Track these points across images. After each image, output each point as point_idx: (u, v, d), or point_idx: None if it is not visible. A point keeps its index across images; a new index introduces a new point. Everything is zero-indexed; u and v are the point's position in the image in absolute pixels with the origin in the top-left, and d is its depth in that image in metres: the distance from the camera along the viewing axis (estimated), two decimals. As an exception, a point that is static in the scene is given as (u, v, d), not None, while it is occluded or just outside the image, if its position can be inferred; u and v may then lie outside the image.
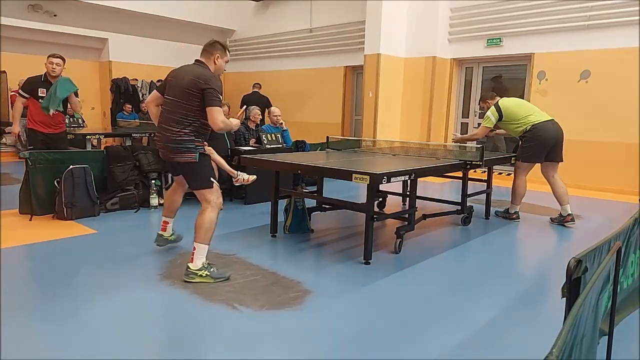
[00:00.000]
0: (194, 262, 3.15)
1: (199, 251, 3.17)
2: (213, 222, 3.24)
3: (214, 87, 3.15)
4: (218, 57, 3.35)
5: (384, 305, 2.89)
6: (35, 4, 10.23)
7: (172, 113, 3.20)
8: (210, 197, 3.27)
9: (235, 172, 5.38)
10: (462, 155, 4.88)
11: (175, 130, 3.17)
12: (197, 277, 3.13)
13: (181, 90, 3.17)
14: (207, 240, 3.20)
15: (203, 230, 3.18)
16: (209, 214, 3.23)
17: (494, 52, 8.67)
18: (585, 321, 1.27)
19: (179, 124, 3.16)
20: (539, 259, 4.10)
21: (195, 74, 3.18)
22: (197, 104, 3.14)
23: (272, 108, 6.85)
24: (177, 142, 3.17)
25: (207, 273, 3.15)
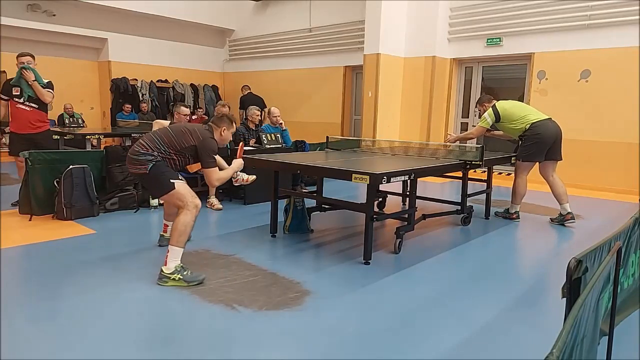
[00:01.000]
0: (167, 265, 3.11)
1: (172, 254, 3.13)
2: (188, 225, 3.20)
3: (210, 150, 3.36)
4: (224, 129, 3.54)
5: (384, 305, 2.88)
6: (34, 3, 10.22)
7: (154, 134, 3.34)
8: (180, 201, 3.24)
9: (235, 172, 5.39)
10: (462, 155, 4.88)
11: (143, 145, 3.26)
12: (170, 280, 3.08)
13: (178, 128, 3.39)
14: (181, 243, 3.16)
15: (177, 233, 3.15)
16: (183, 217, 3.19)
17: (493, 51, 8.67)
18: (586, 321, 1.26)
19: (151, 143, 3.27)
20: (539, 259, 4.09)
21: (199, 128, 3.42)
22: (182, 144, 3.30)
23: (272, 108, 6.84)
24: (137, 153, 3.24)
25: (179, 277, 3.09)
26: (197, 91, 13.03)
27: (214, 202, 5.51)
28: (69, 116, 10.42)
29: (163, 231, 3.93)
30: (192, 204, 3.24)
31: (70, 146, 8.35)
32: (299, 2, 11.51)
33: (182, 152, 3.33)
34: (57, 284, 3.07)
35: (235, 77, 13.60)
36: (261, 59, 12.69)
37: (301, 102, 11.72)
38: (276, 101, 10.40)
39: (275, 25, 12.16)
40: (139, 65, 12.02)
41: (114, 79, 11.65)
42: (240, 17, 13.08)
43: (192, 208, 3.24)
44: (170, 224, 3.74)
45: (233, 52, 13.60)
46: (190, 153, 3.35)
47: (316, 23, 11.24)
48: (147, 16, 11.58)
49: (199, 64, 13.28)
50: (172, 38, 12.62)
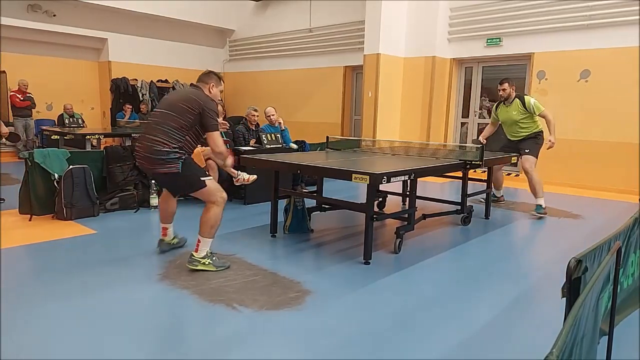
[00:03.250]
0: (198, 251, 3.29)
1: (203, 243, 3.30)
2: (219, 218, 3.33)
3: (213, 111, 3.26)
4: (213, 85, 3.41)
5: (384, 305, 2.89)
6: (34, 3, 10.22)
7: (160, 124, 3.20)
8: (212, 197, 3.30)
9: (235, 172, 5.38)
10: (462, 155, 4.88)
11: (160, 141, 3.16)
12: (200, 264, 3.27)
13: (175, 104, 3.21)
14: (212, 234, 3.32)
15: (209, 225, 3.29)
16: (214, 209, 3.30)
17: (493, 51, 8.67)
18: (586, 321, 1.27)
19: (165, 136, 3.17)
20: (539, 259, 4.10)
21: (194, 93, 3.27)
22: (189, 120, 3.19)
23: (267, 108, 6.84)
24: (160, 153, 3.16)
25: (209, 261, 3.30)
26: (197, 91, 13.01)
27: (214, 202, 5.51)
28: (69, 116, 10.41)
29: (162, 235, 3.79)
30: (221, 198, 3.33)
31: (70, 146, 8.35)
32: (299, 2, 11.51)
33: (193, 128, 3.26)
34: (57, 284, 3.07)
35: (235, 77, 13.60)
36: (261, 59, 12.70)
37: (301, 102, 11.72)
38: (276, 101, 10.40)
39: (276, 26, 12.16)
40: (139, 65, 12.03)
41: (114, 79, 11.66)
42: (240, 17, 13.08)
43: (221, 202, 3.34)
44: (170, 226, 3.77)
45: (233, 52, 13.60)
46: (197, 124, 3.26)
47: (316, 23, 11.24)
48: (147, 16, 11.58)
49: (199, 64, 13.25)
50: (172, 38, 12.62)
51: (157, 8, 11.45)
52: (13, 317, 2.57)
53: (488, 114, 8.85)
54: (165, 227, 3.78)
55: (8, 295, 2.86)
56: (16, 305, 2.74)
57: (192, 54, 13.10)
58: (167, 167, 3.18)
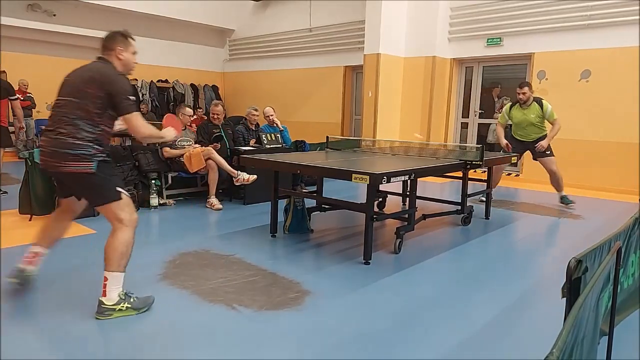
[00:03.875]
0: (107, 296, 2.55)
1: (112, 281, 2.56)
2: (129, 245, 2.65)
3: (123, 89, 2.60)
4: (121, 50, 2.79)
5: (384, 305, 2.88)
6: (34, 3, 10.22)
7: (65, 114, 2.56)
8: (121, 214, 2.64)
9: (235, 172, 5.40)
10: (462, 155, 4.88)
11: (67, 134, 2.52)
12: (115, 312, 2.56)
13: (77, 89, 2.57)
14: (122, 267, 2.61)
15: (117, 255, 2.58)
16: (122, 234, 2.62)
17: (494, 51, 8.67)
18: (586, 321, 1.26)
19: (73, 127, 2.53)
20: (539, 259, 4.09)
21: (96, 70, 2.63)
22: (97, 106, 2.56)
23: (265, 108, 6.85)
24: (72, 146, 2.51)
25: (127, 305, 2.59)
26: (197, 91, 13.03)
27: (214, 202, 5.51)
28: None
29: (28, 261, 2.86)
30: (132, 218, 2.69)
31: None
32: (299, 2, 11.51)
33: (105, 114, 2.62)
34: (56, 284, 3.06)
35: (235, 77, 13.60)
36: (261, 59, 12.70)
37: (301, 102, 11.72)
38: (276, 101, 10.41)
39: (276, 25, 12.16)
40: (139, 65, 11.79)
41: (114, 79, 11.64)
42: (240, 17, 13.09)
43: (130, 224, 2.68)
44: (43, 250, 2.94)
45: (233, 52, 13.60)
46: (109, 108, 2.60)
47: (316, 23, 11.24)
48: (147, 16, 11.58)
49: (199, 64, 13.28)
50: (172, 38, 12.62)
51: (157, 8, 11.45)
52: (13, 317, 2.57)
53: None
54: (38, 252, 2.89)
55: (8, 295, 2.86)
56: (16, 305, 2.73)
57: (192, 54, 13.10)
58: (78, 164, 2.52)
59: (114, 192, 2.64)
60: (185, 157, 5.51)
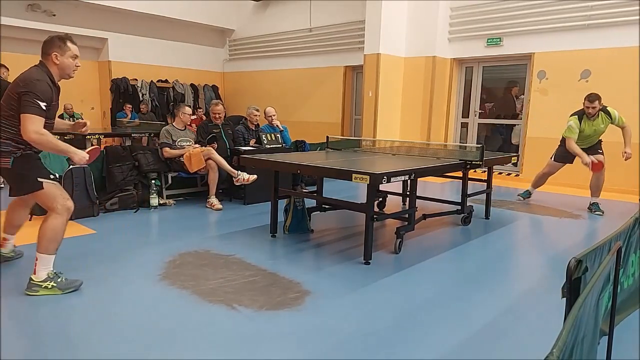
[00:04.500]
0: (36, 274, 2.82)
1: (42, 262, 2.83)
2: (58, 231, 2.86)
3: (32, 92, 2.69)
4: (56, 55, 2.88)
5: (384, 305, 2.88)
6: (33, 3, 10.22)
7: None
8: (51, 203, 2.85)
9: (235, 172, 5.41)
10: (462, 155, 4.88)
11: None
12: (41, 289, 2.81)
13: (5, 93, 2.80)
14: (51, 250, 2.85)
15: (45, 239, 2.82)
16: (52, 220, 2.83)
17: (494, 51, 8.67)
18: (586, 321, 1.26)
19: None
20: (539, 259, 4.09)
21: (20, 76, 2.80)
22: (14, 107, 2.74)
23: (267, 108, 6.85)
24: None
25: (53, 284, 2.83)
26: (197, 91, 13.03)
27: (214, 202, 5.51)
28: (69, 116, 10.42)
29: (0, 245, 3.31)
30: (63, 206, 2.87)
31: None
32: (299, 2, 11.51)
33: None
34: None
35: (235, 77, 13.61)
36: (261, 58, 12.70)
37: (301, 102, 11.72)
38: (276, 101, 10.41)
39: (276, 25, 12.16)
40: (139, 65, 12.03)
41: (114, 79, 11.65)
42: (240, 17, 13.09)
43: (63, 211, 2.86)
44: (11, 237, 3.38)
45: (233, 52, 13.60)
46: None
47: (316, 23, 11.24)
48: (147, 16, 11.58)
49: (199, 64, 13.27)
50: (172, 38, 12.62)
51: (157, 8, 11.45)
52: (13, 317, 2.57)
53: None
54: (6, 237, 3.35)
55: (8, 295, 2.86)
56: (16, 305, 2.73)
57: (192, 54, 13.10)
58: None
59: (36, 183, 2.83)
60: (185, 157, 5.51)
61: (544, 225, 5.19)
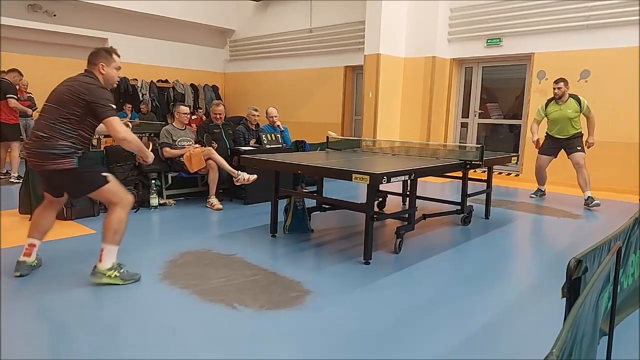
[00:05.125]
0: (102, 263, 2.99)
1: (108, 252, 2.99)
2: (122, 222, 3.02)
3: (103, 97, 2.89)
4: (103, 65, 3.05)
5: (384, 305, 2.89)
6: (34, 3, 10.23)
7: (48, 120, 2.88)
8: (115, 197, 3.02)
9: (236, 172, 5.41)
10: (462, 155, 4.88)
11: (49, 136, 2.84)
12: (105, 277, 2.98)
13: (60, 96, 2.90)
14: (116, 241, 3.02)
15: (111, 231, 2.98)
16: (117, 214, 3.00)
17: (493, 52, 8.67)
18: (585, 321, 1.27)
19: (53, 131, 2.85)
20: (539, 258, 4.10)
21: (79, 82, 2.92)
22: (77, 113, 2.87)
23: (269, 108, 6.85)
24: (52, 147, 2.83)
25: (116, 274, 3.00)
26: (197, 91, 13.04)
27: (214, 202, 5.52)
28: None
29: (25, 254, 3.19)
30: (126, 199, 3.05)
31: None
32: (300, 2, 11.51)
33: (84, 121, 2.92)
34: (57, 284, 3.07)
35: (235, 78, 13.61)
36: (262, 59, 12.70)
37: (301, 102, 11.73)
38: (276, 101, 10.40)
39: (276, 26, 12.16)
40: (139, 65, 12.03)
41: (114, 79, 11.65)
42: (240, 17, 13.09)
43: (126, 205, 3.03)
44: (38, 242, 3.25)
45: (233, 52, 13.60)
46: (89, 116, 2.91)
47: (316, 23, 11.24)
48: (147, 16, 11.59)
49: (199, 64, 13.27)
50: (172, 38, 12.62)
51: (158, 8, 11.46)
52: (13, 317, 2.57)
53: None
54: (34, 243, 3.20)
55: (8, 295, 2.87)
56: (16, 305, 2.74)
57: (192, 54, 13.10)
58: (60, 162, 2.83)
59: (100, 178, 2.97)
60: (185, 157, 5.51)
61: (543, 225, 5.19)
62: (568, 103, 6.05)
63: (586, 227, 5.09)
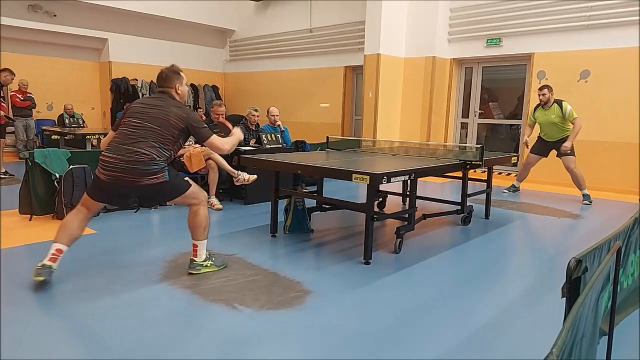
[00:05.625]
0: (198, 256, 3.30)
1: (201, 247, 3.30)
2: (207, 218, 3.31)
3: (198, 119, 3.25)
4: (178, 85, 3.29)
5: (384, 305, 2.89)
6: (34, 4, 10.23)
7: (143, 137, 3.06)
8: (194, 199, 3.25)
9: (236, 172, 5.41)
10: (462, 155, 4.89)
11: (145, 153, 3.02)
12: (203, 267, 3.30)
13: (161, 119, 3.10)
14: (205, 235, 3.31)
15: (202, 227, 3.27)
16: (202, 211, 3.26)
17: (493, 52, 8.68)
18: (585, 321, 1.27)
19: (151, 149, 3.05)
20: (539, 258, 4.10)
21: (175, 106, 3.18)
22: (174, 134, 3.14)
23: (271, 108, 6.85)
24: (148, 163, 3.02)
25: (211, 262, 3.35)
26: (197, 91, 13.04)
27: (214, 202, 5.52)
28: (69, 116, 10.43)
29: (51, 259, 3.01)
30: (204, 197, 3.34)
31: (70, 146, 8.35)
32: (300, 2, 11.51)
33: (177, 142, 3.22)
34: (57, 285, 3.07)
35: (235, 78, 13.61)
36: (262, 59, 12.70)
37: (302, 102, 11.73)
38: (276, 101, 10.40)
39: (276, 26, 12.16)
40: (139, 65, 12.03)
41: (114, 79, 11.67)
42: (240, 17, 13.09)
43: (205, 202, 3.32)
44: (66, 248, 3.10)
45: (233, 53, 13.60)
46: (181, 138, 3.21)
47: (317, 23, 11.24)
48: (147, 16, 11.59)
49: (199, 64, 13.27)
50: (172, 38, 12.62)
51: (158, 8, 11.46)
52: (13, 317, 2.58)
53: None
54: (61, 249, 3.07)
55: (8, 295, 2.87)
56: (16, 305, 2.74)
57: (192, 54, 13.10)
58: (155, 177, 3.05)
59: (185, 183, 3.23)
60: (185, 157, 5.51)
61: (543, 225, 5.19)
62: (552, 109, 6.30)
63: (586, 227, 5.09)
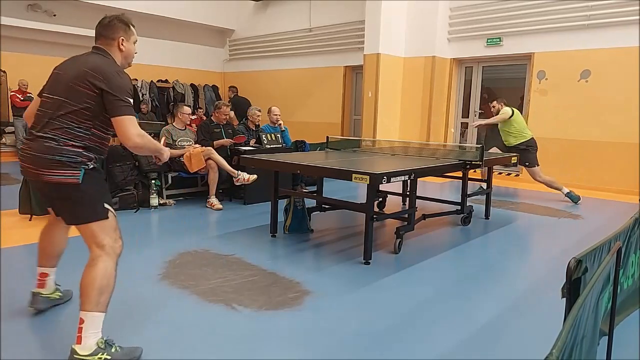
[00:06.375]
0: (82, 344, 2.03)
1: (89, 325, 2.06)
2: (111, 278, 2.16)
3: (122, 87, 2.15)
4: (123, 40, 2.38)
5: (384, 305, 2.89)
6: (34, 3, 10.22)
7: (52, 116, 2.14)
8: (103, 239, 2.17)
9: (236, 172, 5.41)
10: (462, 155, 4.88)
11: (54, 137, 2.11)
12: None
13: (68, 86, 2.15)
14: (102, 306, 2.11)
15: (95, 291, 2.08)
16: (103, 264, 2.14)
17: (493, 51, 8.67)
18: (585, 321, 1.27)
19: (61, 132, 2.12)
20: (539, 259, 4.09)
21: (90, 65, 2.17)
22: (89, 105, 2.13)
23: (273, 107, 6.85)
24: (55, 152, 2.09)
25: (106, 357, 2.05)
26: (197, 91, 13.03)
27: (214, 202, 5.52)
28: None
29: (38, 285, 2.57)
30: (116, 246, 2.23)
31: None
32: (299, 2, 11.51)
33: (99, 117, 2.17)
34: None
35: (235, 77, 13.60)
36: (261, 59, 12.70)
37: (301, 102, 11.72)
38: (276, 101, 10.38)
39: (276, 25, 12.16)
40: (139, 65, 11.99)
41: (114, 79, 11.64)
42: (240, 17, 13.09)
43: (112, 253, 2.19)
44: (52, 272, 2.62)
45: (233, 52, 13.60)
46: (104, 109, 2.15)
47: (316, 23, 11.24)
48: (147, 16, 11.58)
49: (199, 64, 13.27)
50: (172, 38, 12.62)
51: (157, 8, 11.46)
52: (13, 317, 2.57)
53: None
54: (45, 273, 2.56)
55: (8, 295, 2.86)
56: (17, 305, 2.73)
57: (192, 54, 13.10)
58: (62, 173, 2.09)
59: (101, 210, 2.18)
60: (185, 157, 5.51)
61: (543, 225, 5.19)
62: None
63: (586, 227, 5.08)
